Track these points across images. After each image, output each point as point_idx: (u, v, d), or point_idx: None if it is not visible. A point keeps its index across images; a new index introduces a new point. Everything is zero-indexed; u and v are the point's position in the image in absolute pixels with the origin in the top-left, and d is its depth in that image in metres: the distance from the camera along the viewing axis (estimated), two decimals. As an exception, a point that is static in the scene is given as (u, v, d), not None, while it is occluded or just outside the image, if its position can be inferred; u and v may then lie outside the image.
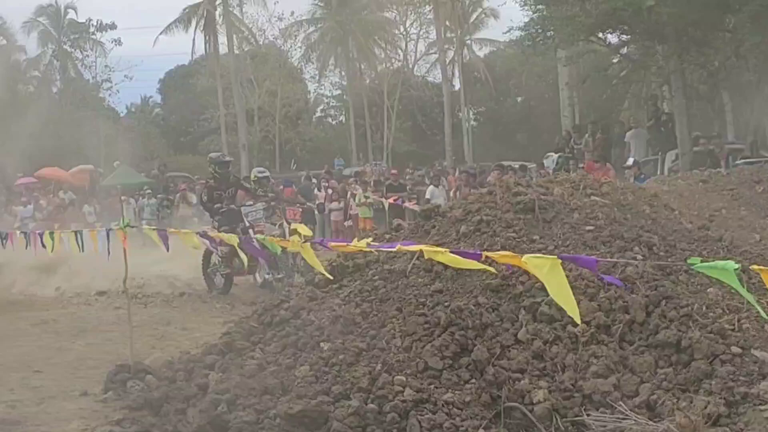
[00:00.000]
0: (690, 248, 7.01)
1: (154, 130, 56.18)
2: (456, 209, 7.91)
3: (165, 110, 60.27)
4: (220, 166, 14.78)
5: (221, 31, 47.08)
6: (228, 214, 13.95)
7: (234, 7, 48.90)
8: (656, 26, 21.36)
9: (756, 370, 5.38)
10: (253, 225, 13.86)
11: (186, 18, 49.04)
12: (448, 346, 6.12)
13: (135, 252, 9.33)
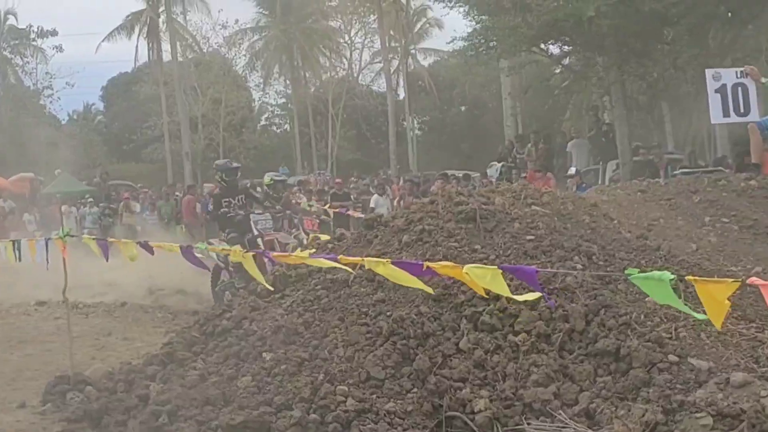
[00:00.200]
0: (628, 257, 7.08)
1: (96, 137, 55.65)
2: (398, 219, 7.91)
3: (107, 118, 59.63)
4: (227, 174, 14.11)
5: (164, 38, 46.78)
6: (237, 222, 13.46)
7: (177, 14, 48.62)
8: (597, 38, 21.68)
9: (692, 378, 5.44)
10: (262, 234, 13.42)
11: (129, 25, 48.72)
12: (390, 356, 6.12)
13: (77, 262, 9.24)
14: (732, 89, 11.31)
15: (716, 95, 11.36)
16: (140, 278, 14.48)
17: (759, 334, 5.89)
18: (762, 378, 5.35)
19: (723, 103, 11.36)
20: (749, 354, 5.74)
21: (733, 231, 8.23)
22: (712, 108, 11.50)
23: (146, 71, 51.36)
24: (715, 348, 5.80)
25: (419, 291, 6.57)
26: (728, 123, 11.88)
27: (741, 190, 9.37)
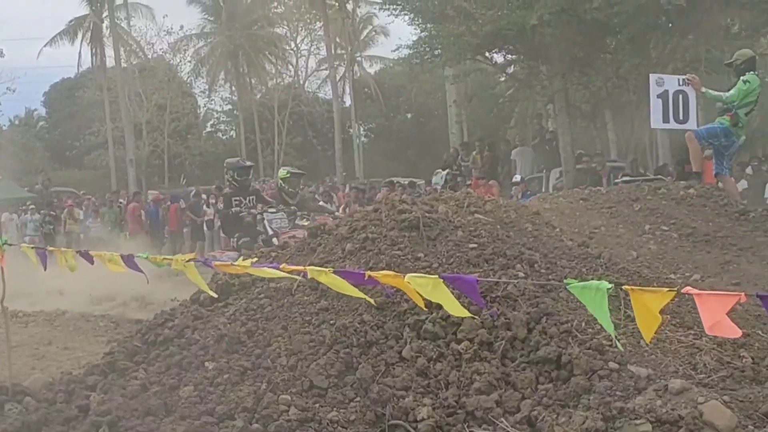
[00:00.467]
0: (570, 265, 7.14)
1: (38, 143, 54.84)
2: (342, 227, 7.91)
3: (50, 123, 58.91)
4: (239, 172, 13.65)
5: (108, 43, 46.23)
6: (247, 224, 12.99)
7: (121, 20, 48.17)
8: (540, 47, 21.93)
9: (632, 385, 5.48)
10: (278, 233, 12.82)
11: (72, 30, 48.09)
12: (333, 365, 6.09)
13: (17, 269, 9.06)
14: (673, 96, 11.49)
15: (658, 100, 11.53)
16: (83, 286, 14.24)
17: (697, 341, 5.97)
18: (699, 385, 5.42)
19: (664, 109, 11.53)
20: (687, 361, 5.81)
21: (672, 239, 8.34)
22: (653, 113, 11.66)
23: (89, 77, 50.76)
24: (654, 355, 5.86)
25: (362, 299, 6.57)
26: (668, 129, 12.05)
27: (680, 199, 9.52)
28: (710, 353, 5.86)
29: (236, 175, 13.57)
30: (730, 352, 5.93)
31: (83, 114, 50.99)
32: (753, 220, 9.14)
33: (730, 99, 11.57)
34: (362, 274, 4.90)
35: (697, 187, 10.19)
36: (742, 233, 8.69)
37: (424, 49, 24.16)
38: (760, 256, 8.16)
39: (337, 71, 51.02)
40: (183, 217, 28.76)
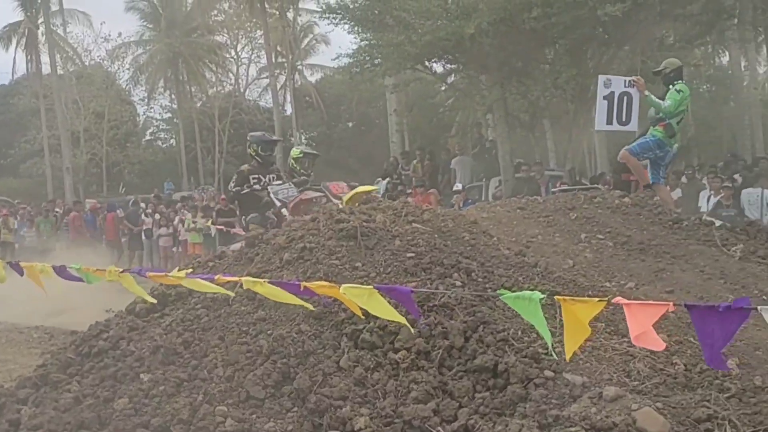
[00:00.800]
0: (507, 274, 7.19)
1: (-30, 152, 53.87)
2: (280, 236, 7.89)
3: (-16, 132, 57.80)
4: (263, 147, 12.57)
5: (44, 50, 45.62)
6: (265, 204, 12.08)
7: (57, 26, 47.58)
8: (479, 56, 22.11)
9: (567, 393, 5.53)
10: (286, 203, 11.85)
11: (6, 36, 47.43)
12: (270, 375, 6.06)
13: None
14: (618, 97, 11.67)
15: (604, 102, 11.70)
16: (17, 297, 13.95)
17: (631, 349, 6.03)
18: (633, 392, 5.49)
19: (608, 111, 11.69)
20: (622, 368, 5.87)
21: (607, 247, 8.43)
22: (598, 114, 11.83)
23: (25, 84, 50.07)
24: (589, 363, 5.92)
25: (300, 309, 6.55)
26: (611, 131, 12.21)
27: (615, 207, 9.63)
28: (644, 360, 5.93)
29: (260, 149, 12.55)
30: (663, 359, 6.00)
31: (18, 121, 50.21)
32: (686, 228, 9.28)
33: (668, 110, 11.76)
34: (297, 284, 4.89)
35: (632, 196, 10.33)
36: (676, 241, 8.82)
37: (364, 58, 24.20)
38: (693, 264, 8.28)
39: (278, 79, 50.91)
40: (121, 226, 28.45)
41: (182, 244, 26.29)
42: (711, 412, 5.26)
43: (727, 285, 7.85)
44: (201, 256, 10.76)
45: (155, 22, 51.85)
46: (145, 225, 28.00)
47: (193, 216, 25.70)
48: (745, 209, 18.24)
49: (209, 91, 54.85)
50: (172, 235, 26.90)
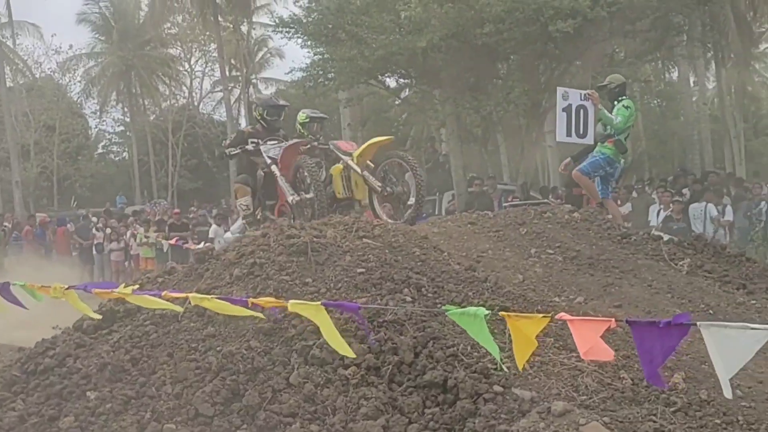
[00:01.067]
0: (457, 289, 7.21)
1: None
2: (230, 252, 7.86)
3: (-70, 144, 56.89)
4: (269, 111, 11.63)
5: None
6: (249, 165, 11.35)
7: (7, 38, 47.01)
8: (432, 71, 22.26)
9: (516, 407, 5.56)
10: (276, 159, 11.00)
11: (-46, 48, 46.71)
12: (220, 392, 6.03)
13: None
14: (576, 110, 11.77)
15: (563, 114, 11.79)
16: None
17: (579, 363, 6.07)
18: (581, 406, 5.53)
19: (567, 123, 11.78)
20: (570, 383, 5.91)
21: (557, 262, 8.49)
22: (558, 126, 11.91)
23: (-28, 96, 49.39)
24: (538, 378, 5.95)
25: (250, 325, 6.53)
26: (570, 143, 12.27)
27: (565, 222, 9.70)
28: (592, 375, 5.97)
29: (266, 113, 11.65)
30: (610, 373, 6.05)
31: (-34, 134, 49.54)
32: (634, 243, 9.38)
33: (618, 125, 11.91)
34: (245, 300, 4.88)
35: (581, 211, 10.42)
36: (624, 256, 8.90)
37: (318, 73, 24.26)
38: (641, 279, 8.37)
39: (233, 93, 50.73)
40: (71, 240, 28.14)
41: (134, 258, 26.07)
42: (657, 426, 5.31)
43: (674, 299, 7.95)
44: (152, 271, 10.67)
45: (107, 35, 51.37)
46: (96, 239, 27.72)
47: (146, 230, 25.50)
48: (692, 223, 18.51)
49: (163, 104, 54.46)
50: (124, 249, 26.65)
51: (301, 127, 11.38)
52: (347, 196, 10.62)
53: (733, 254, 9.85)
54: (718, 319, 7.45)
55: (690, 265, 8.93)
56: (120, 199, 45.31)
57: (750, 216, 19.50)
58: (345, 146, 10.88)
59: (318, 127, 11.47)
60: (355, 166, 10.34)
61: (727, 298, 8.19)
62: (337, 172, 10.61)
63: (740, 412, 5.64)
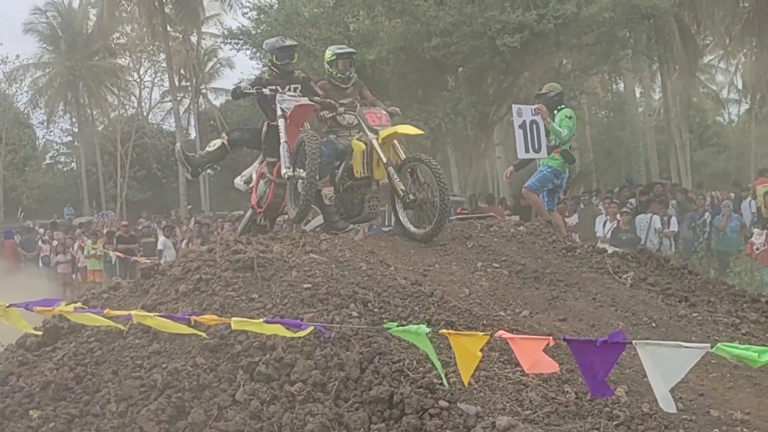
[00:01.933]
0: (403, 304, 7.24)
1: None
2: (176, 268, 7.82)
3: None
4: (278, 55, 10.52)
5: (-62, 72, 44.43)
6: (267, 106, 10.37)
7: (-48, 48, 46.38)
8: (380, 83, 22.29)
9: (462, 423, 5.59)
10: (286, 113, 10.00)
11: None
12: (165, 410, 5.99)
13: None
14: (530, 126, 11.86)
15: (520, 130, 11.86)
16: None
17: (523, 378, 6.12)
18: (526, 421, 5.58)
19: (525, 139, 11.86)
20: (514, 397, 5.96)
21: (503, 275, 8.54)
22: (518, 143, 11.96)
23: None
24: (483, 392, 5.99)
25: (195, 342, 6.50)
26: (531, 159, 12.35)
27: (511, 236, 9.77)
28: (536, 389, 6.02)
29: (275, 58, 10.60)
30: (555, 387, 6.11)
31: None
32: (579, 256, 9.47)
33: (567, 138, 12.06)
34: (188, 318, 4.87)
35: (527, 224, 10.50)
36: (569, 269, 8.99)
37: (268, 83, 24.21)
38: (586, 292, 8.46)
39: (182, 103, 50.53)
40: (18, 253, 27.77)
41: (81, 271, 25.77)
42: (600, 440, 5.38)
43: (618, 312, 8.04)
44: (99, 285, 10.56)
45: (55, 44, 50.91)
46: (43, 252, 27.38)
47: (94, 242, 25.25)
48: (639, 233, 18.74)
49: (111, 114, 54.10)
50: (71, 262, 26.35)
51: (329, 67, 10.54)
52: (366, 176, 9.88)
53: (676, 267, 10.00)
54: (660, 332, 7.57)
55: (634, 278, 9.03)
56: (68, 210, 44.87)
57: (694, 227, 19.81)
58: (373, 119, 9.95)
59: (347, 64, 10.54)
60: (381, 152, 9.63)
61: (670, 311, 8.30)
62: (358, 149, 9.87)
63: (681, 425, 5.73)
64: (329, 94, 10.42)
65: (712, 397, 6.41)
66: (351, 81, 10.59)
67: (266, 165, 10.67)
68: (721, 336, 7.65)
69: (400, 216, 9.80)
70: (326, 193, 9.91)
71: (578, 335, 6.98)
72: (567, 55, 23.56)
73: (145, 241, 24.84)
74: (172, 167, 49.81)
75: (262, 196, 10.75)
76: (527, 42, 20.33)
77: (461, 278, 8.40)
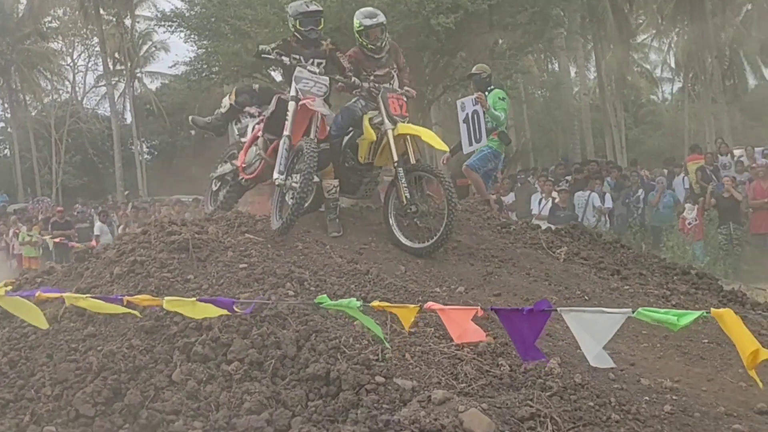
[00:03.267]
0: (339, 282, 7.28)
1: None
2: (110, 250, 7.77)
3: None
4: (303, 20, 9.41)
5: None
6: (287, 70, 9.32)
7: None
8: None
9: (398, 397, 5.64)
10: (299, 97, 8.92)
11: None
12: (101, 392, 5.96)
13: None
14: (472, 117, 11.93)
15: (464, 125, 11.94)
16: None
17: (458, 352, 6.20)
18: (461, 394, 5.65)
19: (469, 133, 11.93)
20: (450, 371, 6.03)
21: (439, 253, 8.61)
22: (463, 137, 12.05)
23: None
24: (419, 367, 6.05)
25: (131, 324, 6.47)
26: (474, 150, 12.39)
27: (446, 214, 9.83)
28: (471, 363, 6.10)
29: (298, 23, 9.47)
30: (489, 361, 6.19)
31: None
32: (514, 232, 9.59)
33: (504, 120, 12.20)
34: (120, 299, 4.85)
35: (462, 201, 10.57)
36: (504, 245, 9.09)
37: (202, 67, 24.03)
38: (520, 267, 8.58)
39: (117, 87, 49.89)
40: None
41: (17, 258, 25.42)
42: (534, 411, 5.47)
43: (552, 287, 8.17)
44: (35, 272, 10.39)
45: (-17, 29, 50.00)
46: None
47: (29, 229, 24.91)
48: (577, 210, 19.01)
49: (45, 99, 53.27)
50: (6, 249, 25.98)
51: (358, 36, 9.66)
52: (369, 162, 9.30)
53: (609, 241, 10.19)
54: (592, 304, 7.71)
55: (567, 252, 9.18)
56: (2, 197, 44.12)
57: (628, 203, 20.14)
58: (395, 106, 9.06)
59: (377, 33, 9.54)
60: (394, 148, 8.84)
61: (602, 284, 8.46)
62: (369, 136, 9.14)
63: (613, 393, 5.84)
64: (362, 64, 9.62)
65: (642, 367, 6.56)
66: (384, 50, 9.70)
67: (262, 140, 9.61)
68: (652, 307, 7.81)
69: (390, 219, 9.00)
70: (327, 186, 9.17)
71: (512, 309, 7.09)
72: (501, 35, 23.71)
73: (80, 227, 24.56)
74: (107, 152, 49.28)
75: (250, 165, 9.79)
76: (462, 22, 20.40)
77: (397, 256, 8.45)
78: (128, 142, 49.01)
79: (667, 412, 5.66)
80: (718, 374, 6.57)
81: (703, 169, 20.77)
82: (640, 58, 50.45)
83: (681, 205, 19.66)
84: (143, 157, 51.24)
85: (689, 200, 19.41)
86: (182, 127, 53.69)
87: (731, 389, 6.30)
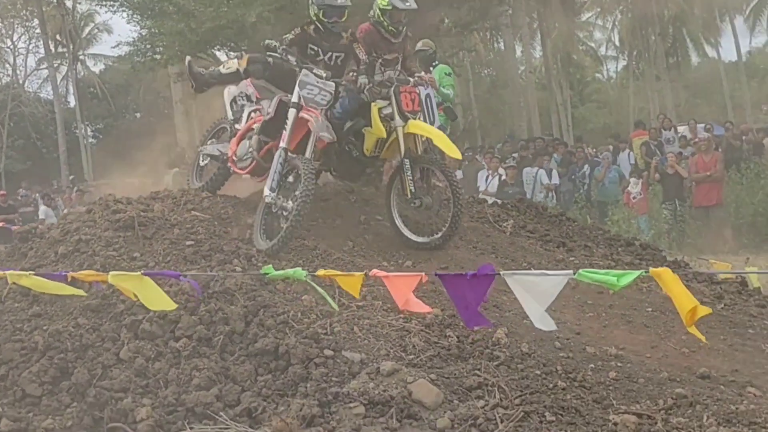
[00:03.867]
0: (287, 257, 7.30)
1: None
2: (54, 230, 7.70)
3: None
4: (327, 11, 8.83)
5: None
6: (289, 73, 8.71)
7: None
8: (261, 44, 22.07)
9: (347, 370, 5.69)
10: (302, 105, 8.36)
11: None
12: (47, 371, 5.93)
13: None
14: (425, 101, 11.90)
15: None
16: None
17: (407, 325, 6.26)
18: (409, 365, 5.71)
19: (425, 116, 11.94)
20: (398, 343, 6.08)
21: (386, 228, 8.63)
22: None
23: None
24: (367, 340, 6.10)
25: (77, 303, 6.43)
26: None
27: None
28: (419, 335, 6.15)
29: (321, 14, 8.89)
30: (437, 332, 6.25)
31: None
32: (460, 206, 9.64)
33: (453, 97, 12.21)
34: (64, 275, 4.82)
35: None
36: (451, 220, 9.14)
37: (145, 47, 23.73)
38: (467, 241, 8.64)
39: (59, 70, 49.12)
40: None
41: (-41, 243, 25.05)
42: (482, 380, 5.55)
43: (499, 259, 8.24)
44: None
45: None
46: None
47: (-27, 214, 24.55)
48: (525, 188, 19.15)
49: (-16, 83, 52.32)
50: (-51, 234, 25.58)
51: (380, 14, 9.10)
52: (375, 155, 8.82)
53: (554, 214, 10.30)
54: (539, 276, 7.79)
55: (513, 226, 9.26)
56: (-57, 184, 43.39)
57: (574, 179, 20.34)
58: (407, 101, 8.70)
59: (400, 17, 9.08)
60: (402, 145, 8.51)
61: (548, 256, 8.55)
62: (379, 132, 8.66)
63: (559, 362, 5.94)
64: (376, 45, 9.19)
65: (588, 335, 6.66)
66: (401, 35, 9.30)
67: (257, 139, 8.93)
68: (597, 276, 7.92)
69: (392, 209, 8.65)
70: None
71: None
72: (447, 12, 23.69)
73: (24, 211, 24.26)
74: (51, 136, 48.52)
75: (241, 160, 9.05)
76: (407, -3, 20.38)
77: (345, 232, 8.47)
78: (72, 125, 48.33)
79: (613, 379, 5.76)
80: (662, 341, 6.68)
81: (648, 144, 21.02)
82: (585, 37, 50.84)
83: (626, 180, 19.86)
84: (88, 140, 50.55)
85: (634, 175, 19.62)
86: (127, 109, 53.19)
87: (674, 355, 6.42)
